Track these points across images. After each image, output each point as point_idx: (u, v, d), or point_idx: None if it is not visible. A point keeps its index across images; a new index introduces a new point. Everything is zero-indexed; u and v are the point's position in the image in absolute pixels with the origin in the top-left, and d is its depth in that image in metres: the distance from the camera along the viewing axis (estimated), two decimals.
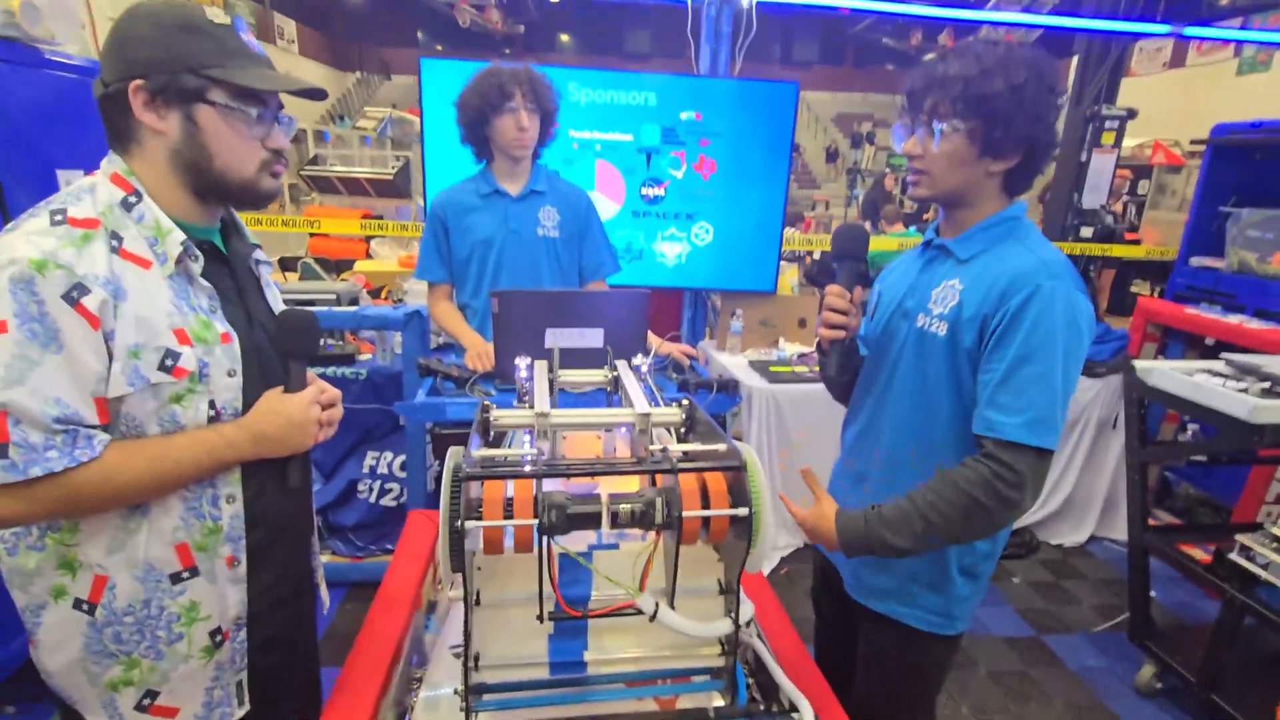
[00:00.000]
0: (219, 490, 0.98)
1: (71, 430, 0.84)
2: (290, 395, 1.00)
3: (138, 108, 0.89)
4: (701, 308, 3.40)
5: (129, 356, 0.86)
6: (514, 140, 1.89)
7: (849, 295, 1.23)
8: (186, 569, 0.96)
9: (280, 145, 0.99)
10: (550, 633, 0.97)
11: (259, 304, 1.07)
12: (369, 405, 2.54)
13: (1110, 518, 3.16)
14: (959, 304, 1.13)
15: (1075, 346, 1.06)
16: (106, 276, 0.85)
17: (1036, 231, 1.16)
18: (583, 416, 1.12)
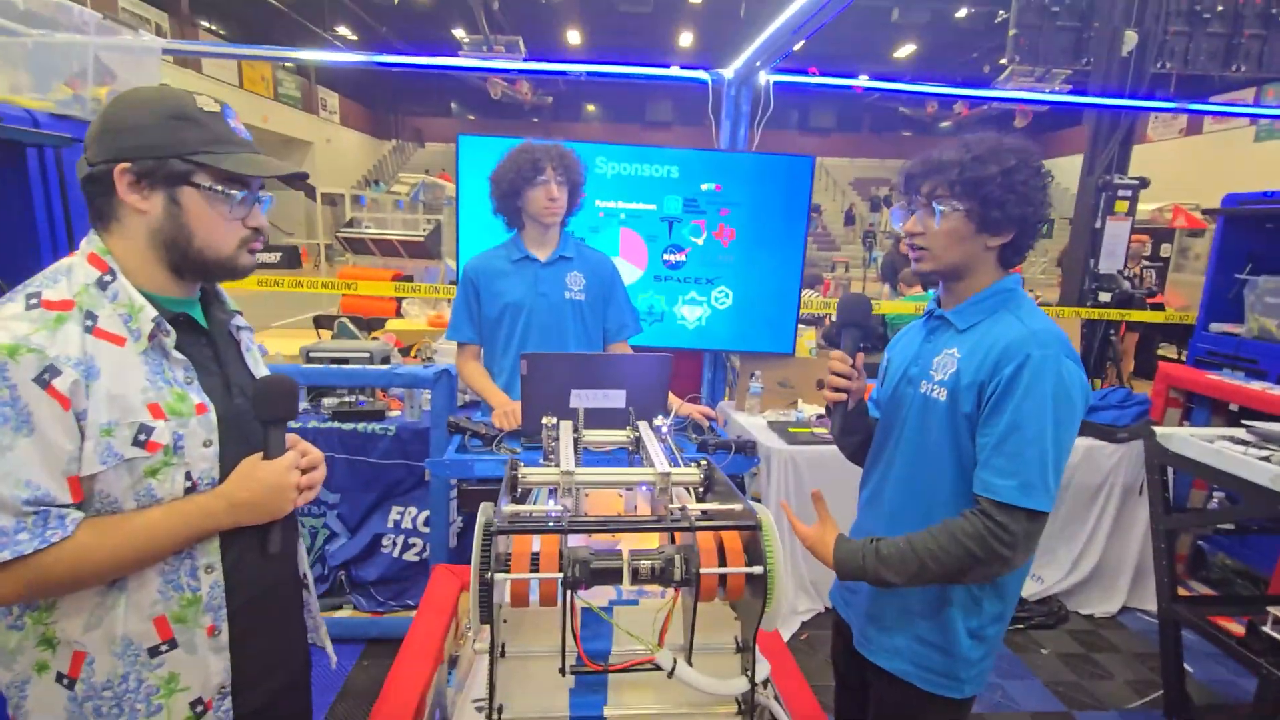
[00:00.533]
0: (197, 560, 0.97)
1: (43, 511, 0.85)
2: (268, 461, 0.99)
3: (122, 189, 0.92)
4: (721, 369, 3.46)
5: (101, 434, 0.87)
6: (545, 209, 2.02)
7: (850, 360, 1.32)
8: (165, 641, 0.96)
9: (260, 224, 1.02)
10: (571, 687, 1.00)
11: (239, 370, 1.08)
12: (396, 461, 2.61)
13: (1142, 587, 3.08)
14: (957, 372, 1.21)
15: (1067, 413, 1.12)
16: (79, 357, 0.87)
17: (1029, 302, 1.24)
18: (605, 475, 1.17)
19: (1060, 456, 1.12)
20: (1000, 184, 1.16)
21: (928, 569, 1.14)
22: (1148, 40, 4.13)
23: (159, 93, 0.96)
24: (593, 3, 17.96)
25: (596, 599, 1.15)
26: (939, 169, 1.21)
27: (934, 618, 1.25)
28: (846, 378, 1.32)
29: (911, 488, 1.28)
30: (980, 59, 19.61)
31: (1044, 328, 1.16)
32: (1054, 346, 1.13)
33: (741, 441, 1.79)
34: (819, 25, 2.41)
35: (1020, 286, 1.26)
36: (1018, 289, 1.26)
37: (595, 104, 29.07)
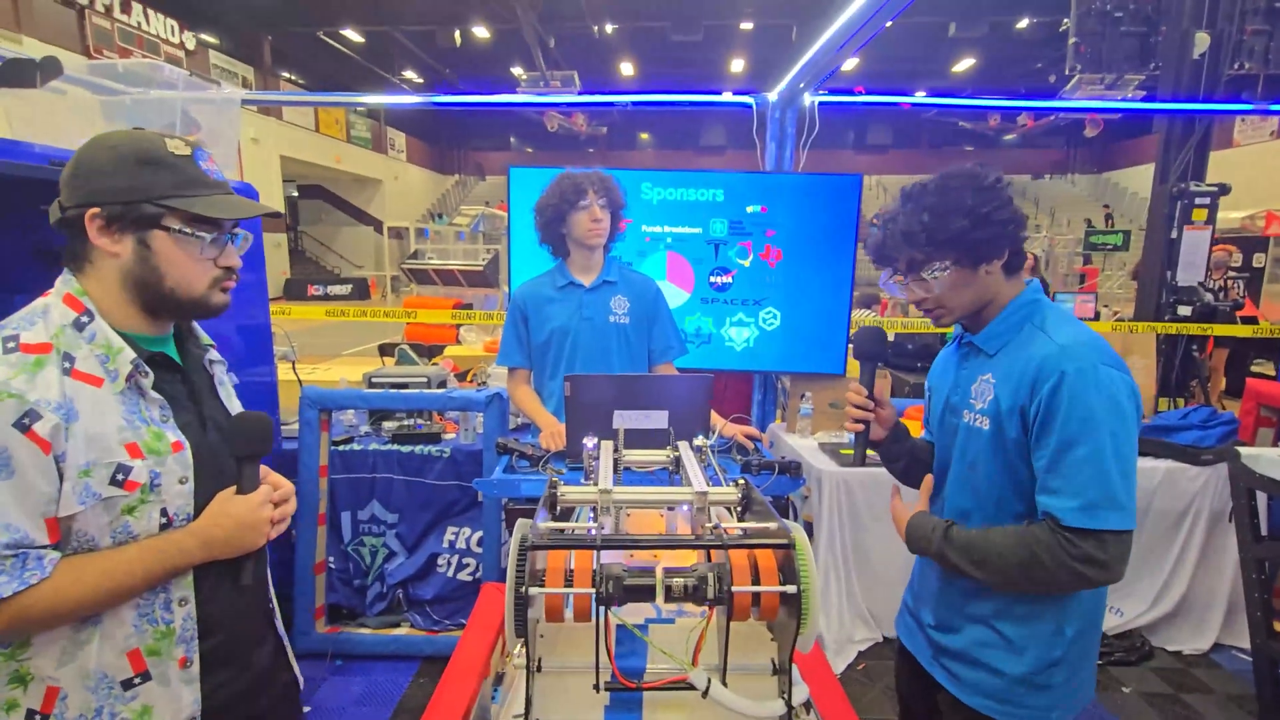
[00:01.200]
0: (171, 594, 0.99)
1: (21, 553, 0.86)
2: (241, 497, 1.01)
3: (93, 233, 0.93)
4: (771, 391, 3.43)
5: (79, 475, 0.89)
6: (589, 232, 2.07)
7: (866, 392, 1.35)
8: (138, 674, 0.97)
9: (231, 263, 1.04)
10: (606, 704, 1.01)
11: (213, 405, 1.10)
12: (451, 482, 2.69)
13: (1237, 623, 2.83)
14: (995, 398, 1.18)
15: (1118, 422, 1.07)
16: (58, 400, 0.88)
17: (1055, 311, 1.21)
18: (642, 494, 1.18)
19: (1125, 467, 1.07)
20: (970, 224, 1.15)
21: (990, 563, 1.13)
22: (1222, 41, 3.93)
23: (129, 137, 0.97)
24: (645, 34, 18.39)
25: (633, 617, 1.15)
26: (907, 241, 1.21)
27: (1011, 645, 1.21)
28: (864, 408, 1.35)
29: (970, 519, 1.26)
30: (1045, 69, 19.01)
31: (1074, 339, 1.13)
32: (1088, 356, 1.10)
33: (785, 462, 1.77)
34: (862, 43, 2.40)
35: (1042, 294, 1.24)
36: (1040, 299, 1.24)
37: (649, 132, 29.58)
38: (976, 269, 1.20)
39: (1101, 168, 24.22)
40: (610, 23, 17.42)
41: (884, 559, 2.76)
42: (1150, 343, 3.68)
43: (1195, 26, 3.91)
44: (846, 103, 3.17)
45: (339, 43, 18.69)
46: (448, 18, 17.07)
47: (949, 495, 1.30)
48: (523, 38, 15.82)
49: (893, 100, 3.31)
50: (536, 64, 16.12)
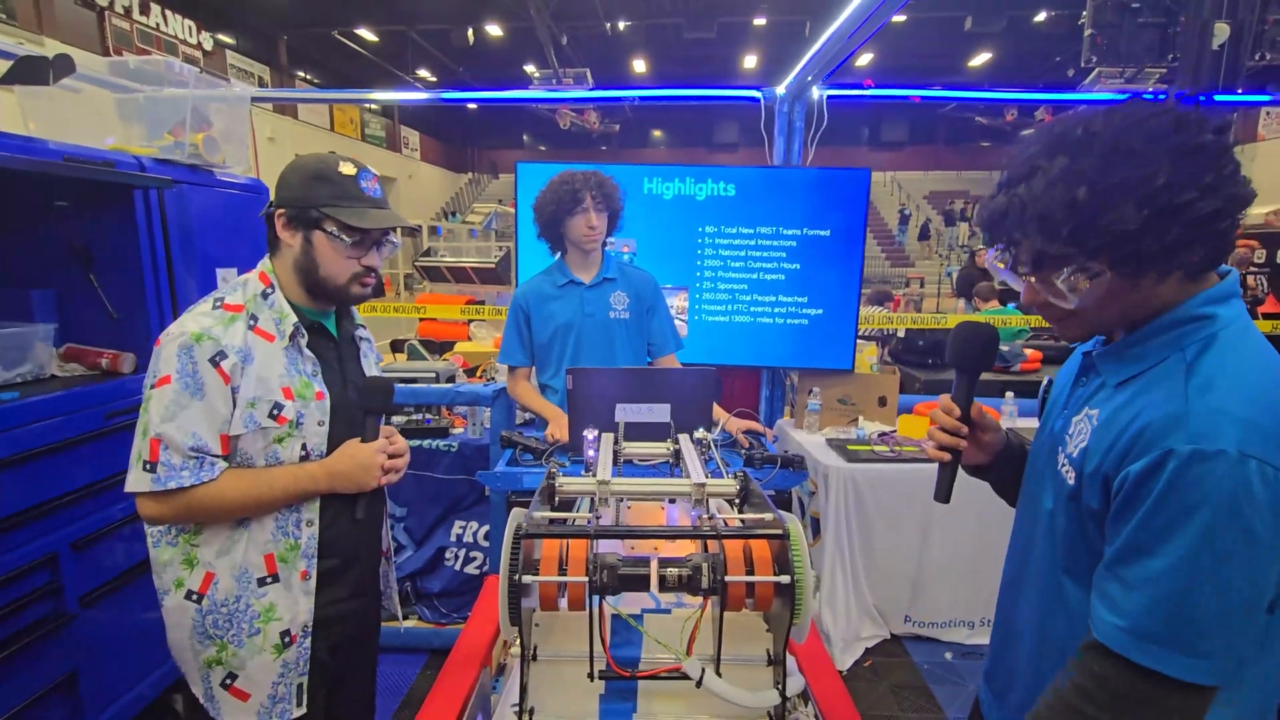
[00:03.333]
0: (302, 514, 1.24)
1: (201, 458, 1.14)
2: (362, 444, 1.28)
3: (279, 227, 1.24)
4: (779, 386, 3.42)
5: (247, 406, 1.17)
6: (585, 236, 2.08)
7: (958, 411, 1.02)
8: (270, 575, 1.22)
9: (370, 263, 1.28)
10: (601, 693, 1.01)
11: (355, 370, 1.37)
12: (459, 476, 2.71)
13: None
14: (1087, 449, 0.84)
15: (1243, 545, 0.70)
16: (240, 346, 1.17)
17: (1228, 341, 0.78)
18: (639, 485, 1.19)
19: (1223, 609, 0.71)
20: (1151, 222, 0.73)
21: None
22: (1242, 31, 3.86)
23: (315, 159, 1.25)
24: (658, 32, 18.34)
25: (629, 608, 1.16)
26: (1041, 228, 0.78)
27: None
28: (954, 432, 1.01)
29: (1051, 591, 0.93)
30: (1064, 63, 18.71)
31: (1220, 404, 0.73)
32: (1227, 436, 0.70)
33: (788, 456, 1.77)
34: (869, 34, 2.38)
35: (1222, 308, 0.80)
36: (1211, 315, 0.79)
37: (661, 129, 29.51)
38: (1143, 277, 0.79)
39: None
40: (623, 20, 17.39)
41: (892, 555, 2.74)
42: None
43: (1215, 17, 3.84)
44: (855, 96, 3.14)
45: (354, 42, 18.82)
46: (462, 16, 17.12)
47: (1037, 544, 0.96)
48: (536, 36, 15.84)
49: (902, 94, 3.28)
50: (550, 62, 16.14)
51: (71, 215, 1.93)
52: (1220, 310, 0.80)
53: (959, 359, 1.03)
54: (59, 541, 1.68)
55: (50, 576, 1.66)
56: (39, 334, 1.83)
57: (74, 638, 1.71)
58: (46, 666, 1.67)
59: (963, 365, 1.03)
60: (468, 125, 28.20)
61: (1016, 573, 1.02)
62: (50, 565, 1.66)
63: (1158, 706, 0.74)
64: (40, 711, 1.67)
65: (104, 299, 1.91)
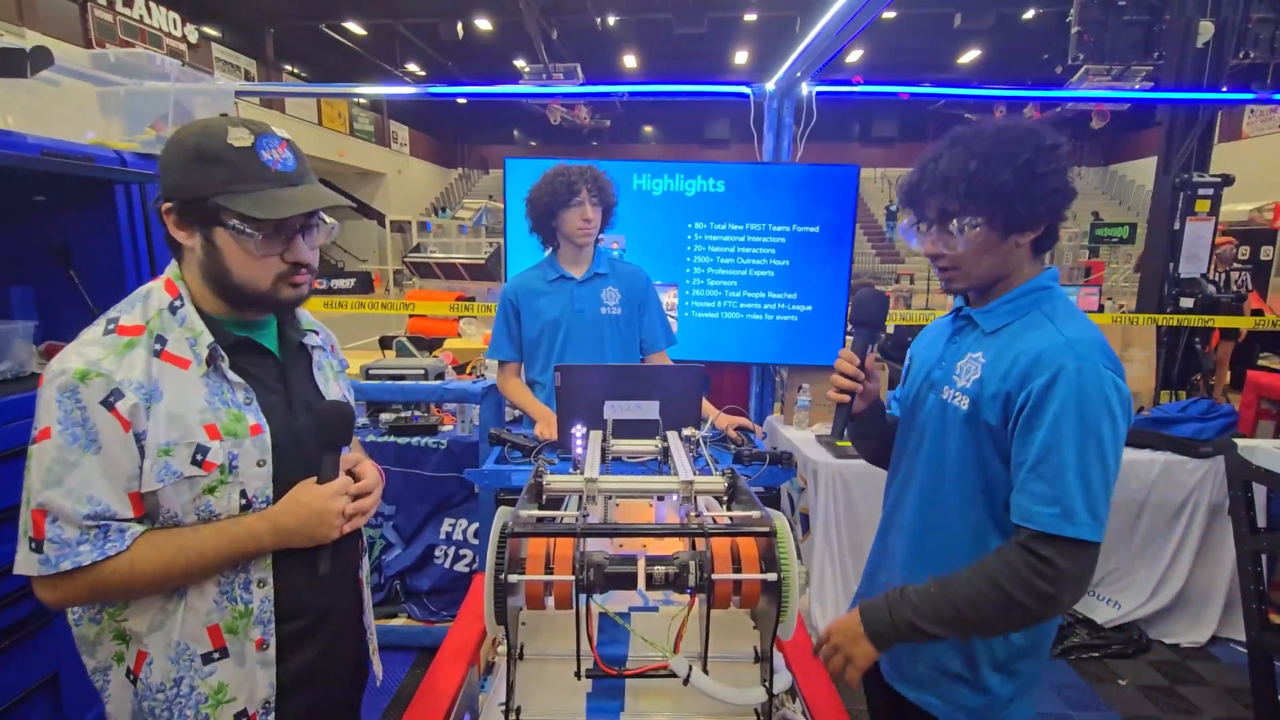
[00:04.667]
0: (251, 575, 1.01)
1: (104, 525, 0.91)
2: (317, 487, 1.02)
3: (170, 226, 0.98)
4: (769, 382, 3.42)
5: (159, 454, 0.93)
6: (579, 230, 2.07)
7: (858, 360, 1.23)
8: (217, 649, 1.00)
9: (299, 258, 1.01)
10: (589, 692, 1.01)
11: (306, 388, 1.11)
12: (448, 474, 2.70)
13: (1235, 615, 2.83)
14: (980, 379, 1.10)
15: (1110, 431, 1.00)
16: (141, 381, 0.93)
17: (1066, 303, 1.12)
18: (627, 483, 1.18)
19: (1108, 479, 1.00)
20: (1018, 182, 1.04)
21: (964, 616, 1.03)
22: (1226, 30, 3.89)
23: (195, 130, 0.97)
24: (649, 27, 18.29)
25: (616, 606, 1.16)
26: (944, 184, 1.08)
27: (956, 648, 1.15)
28: (853, 379, 1.23)
29: (933, 503, 1.19)
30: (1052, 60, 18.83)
31: (1082, 334, 1.04)
32: (1093, 356, 1.01)
33: (777, 453, 1.77)
34: (858, 30, 2.38)
35: (1056, 283, 1.15)
36: (1054, 286, 1.14)
37: (652, 125, 29.47)
38: (1007, 237, 1.09)
39: (1108, 160, 24.04)
40: (613, 14, 17.34)
41: None
42: (1151, 335, 3.66)
43: (1199, 15, 3.87)
44: (844, 93, 3.15)
45: (341, 35, 18.66)
46: (450, 10, 17.01)
47: (917, 472, 1.22)
48: (526, 31, 15.76)
49: (891, 90, 3.28)
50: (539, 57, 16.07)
51: (51, 211, 1.90)
52: (1054, 286, 1.14)
53: (857, 317, 1.26)
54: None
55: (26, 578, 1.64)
56: (18, 331, 1.80)
57: (55, 639, 1.69)
58: (28, 667, 1.65)
59: (861, 322, 1.25)
60: (458, 120, 28.04)
61: (896, 505, 1.28)
62: None
63: (1085, 571, 1.00)
64: (24, 712, 1.65)
65: (85, 296, 1.88)
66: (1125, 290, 12.62)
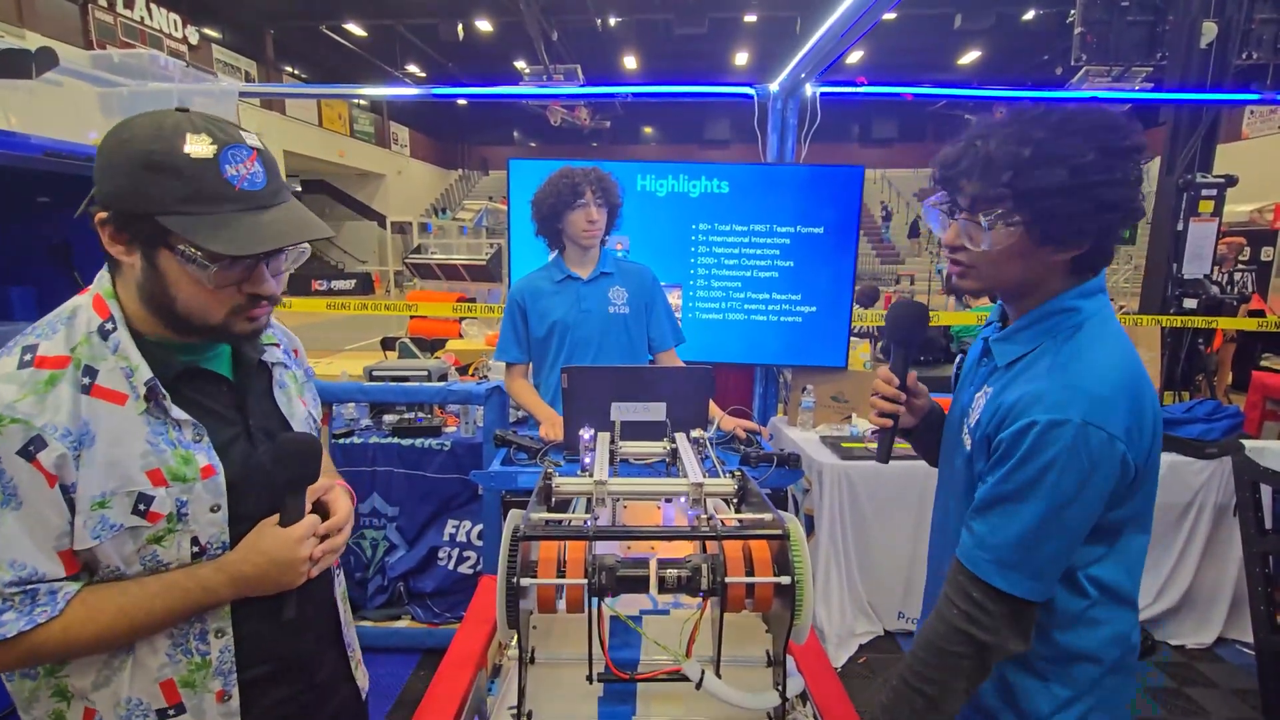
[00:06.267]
0: (207, 625, 0.90)
1: (30, 590, 0.79)
2: (279, 531, 0.90)
3: (105, 238, 0.82)
4: (773, 384, 3.42)
5: (93, 507, 0.80)
6: (584, 231, 2.06)
7: (897, 381, 1.13)
8: (172, 706, 0.89)
9: (259, 290, 0.87)
10: (600, 695, 1.00)
11: (267, 412, 0.99)
12: (451, 475, 2.69)
13: (1241, 617, 2.82)
14: (980, 421, 1.00)
15: (1079, 499, 0.88)
16: (67, 425, 0.79)
17: (1089, 331, 0.94)
18: (636, 485, 1.17)
19: (1061, 545, 0.90)
20: (1071, 190, 0.87)
21: (926, 695, 0.94)
22: (1230, 30, 3.89)
23: (146, 127, 0.80)
24: (649, 28, 18.30)
25: (627, 609, 1.15)
26: (986, 168, 0.92)
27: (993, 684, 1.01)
28: (894, 400, 1.13)
29: (950, 538, 1.08)
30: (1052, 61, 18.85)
31: (1073, 381, 0.89)
32: (1073, 409, 0.87)
33: (785, 454, 1.76)
34: (863, 32, 2.38)
35: (1086, 302, 0.96)
36: (1081, 306, 0.95)
37: (652, 126, 29.49)
38: (1041, 247, 0.93)
39: None
40: (614, 15, 17.34)
41: (886, 552, 2.75)
42: (1155, 336, 3.65)
43: (1203, 15, 3.87)
44: (848, 93, 3.14)
45: (342, 37, 18.67)
46: (451, 11, 17.02)
47: (952, 510, 1.10)
48: (526, 31, 15.75)
49: (895, 91, 3.28)
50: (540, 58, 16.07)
51: (53, 212, 1.90)
52: (1084, 304, 0.96)
53: (895, 335, 1.16)
54: None
55: None
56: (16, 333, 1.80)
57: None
58: None
59: (899, 339, 1.15)
60: (458, 121, 28.05)
61: (941, 520, 1.16)
62: None
63: (1019, 624, 0.93)
64: None
65: None
66: (1126, 291, 12.62)
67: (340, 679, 1.10)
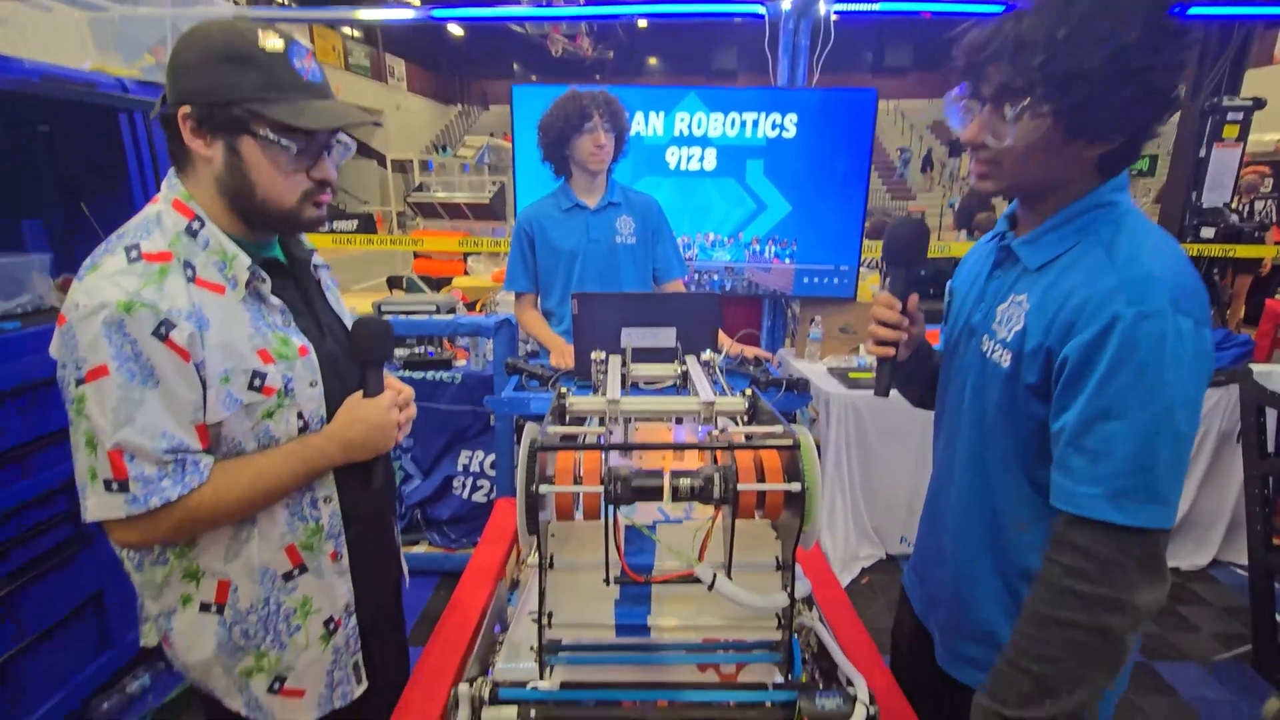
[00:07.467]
0: (316, 493, 1.03)
1: (180, 459, 0.89)
2: (369, 400, 1.03)
3: (186, 134, 0.89)
4: (780, 316, 3.41)
5: (221, 383, 0.90)
6: (592, 156, 2.03)
7: (899, 305, 1.06)
8: (296, 567, 1.02)
9: (325, 176, 0.97)
10: (616, 598, 1.05)
11: (325, 310, 1.11)
12: (463, 407, 2.73)
13: (1237, 540, 2.89)
14: (1024, 330, 0.90)
15: (1181, 389, 0.78)
16: (188, 309, 0.87)
17: (1131, 222, 0.87)
18: (649, 404, 1.20)
19: (1178, 453, 0.79)
20: (1108, 74, 0.79)
21: (1040, 676, 0.83)
22: None
23: (221, 29, 0.89)
24: None
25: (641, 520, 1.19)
26: (1016, 51, 0.83)
27: (1009, 620, 0.98)
28: (895, 327, 1.06)
29: (981, 467, 1.00)
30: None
31: (1145, 269, 0.81)
32: (1159, 298, 0.78)
33: (794, 379, 1.78)
34: None
35: (1125, 196, 0.90)
36: (1119, 202, 0.89)
37: (656, 56, 28.43)
38: (1074, 140, 0.85)
39: None
40: None
41: (890, 479, 2.81)
42: None
43: None
44: (863, 12, 3.01)
45: None
46: None
47: (963, 431, 1.03)
48: None
49: (912, 8, 3.14)
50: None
51: (58, 144, 1.88)
52: (1120, 198, 0.89)
53: (895, 254, 1.07)
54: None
55: (67, 503, 1.69)
56: (35, 264, 1.81)
57: (96, 559, 1.76)
58: (73, 586, 1.73)
59: (898, 260, 1.07)
60: (455, 54, 27.09)
61: (944, 466, 1.10)
62: (66, 492, 1.69)
63: (1135, 559, 0.80)
64: (77, 626, 1.75)
65: (96, 228, 1.87)
66: None
67: (395, 565, 1.29)
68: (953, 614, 1.09)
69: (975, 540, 1.02)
